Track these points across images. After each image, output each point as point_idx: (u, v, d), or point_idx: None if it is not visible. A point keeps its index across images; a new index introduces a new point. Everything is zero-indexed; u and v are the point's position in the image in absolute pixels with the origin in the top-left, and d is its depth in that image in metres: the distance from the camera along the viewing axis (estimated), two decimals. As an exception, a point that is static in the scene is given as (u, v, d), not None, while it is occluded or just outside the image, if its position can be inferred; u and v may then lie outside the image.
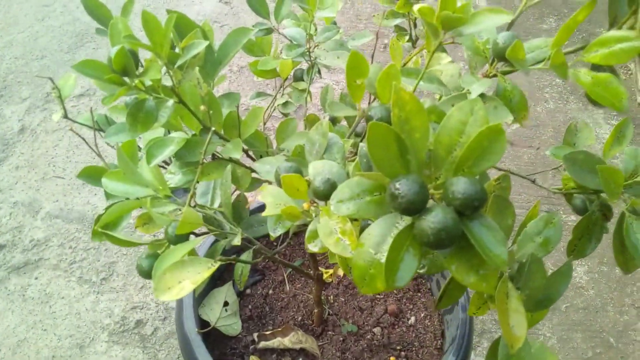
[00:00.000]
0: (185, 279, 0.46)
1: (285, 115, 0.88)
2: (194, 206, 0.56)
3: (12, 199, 1.48)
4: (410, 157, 0.38)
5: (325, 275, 1.13)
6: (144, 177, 0.54)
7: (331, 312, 1.07)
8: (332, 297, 1.10)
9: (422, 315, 1.08)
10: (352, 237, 0.43)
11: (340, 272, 1.10)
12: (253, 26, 0.78)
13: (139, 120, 0.48)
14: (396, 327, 1.06)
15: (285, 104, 0.91)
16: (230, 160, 0.59)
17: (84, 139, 0.72)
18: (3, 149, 1.60)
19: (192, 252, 0.53)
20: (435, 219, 0.37)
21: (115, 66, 0.45)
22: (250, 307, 1.07)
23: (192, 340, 0.91)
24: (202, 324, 1.00)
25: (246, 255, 0.60)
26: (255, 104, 1.56)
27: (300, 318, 1.06)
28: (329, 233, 0.44)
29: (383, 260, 0.39)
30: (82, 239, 1.40)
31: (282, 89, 0.91)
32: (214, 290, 1.05)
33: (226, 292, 1.05)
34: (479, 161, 0.39)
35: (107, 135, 0.56)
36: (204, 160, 0.56)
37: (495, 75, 0.55)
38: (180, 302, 0.97)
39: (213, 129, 0.55)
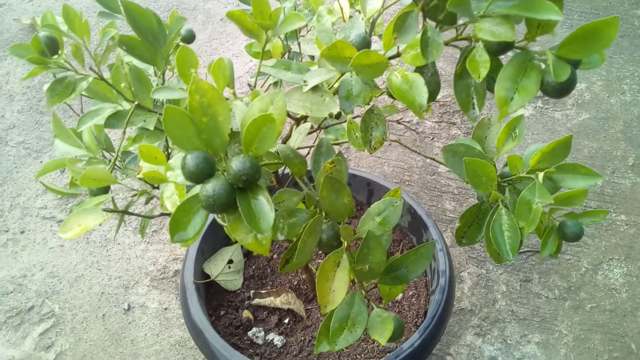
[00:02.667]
0: (82, 224, 0.58)
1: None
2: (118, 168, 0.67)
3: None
4: (208, 136, 0.46)
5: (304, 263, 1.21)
6: (78, 140, 0.66)
7: (325, 280, 1.15)
8: (329, 266, 1.17)
9: (410, 293, 1.13)
10: (182, 197, 0.51)
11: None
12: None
13: (56, 92, 0.60)
14: (382, 300, 1.11)
15: (275, 83, 0.99)
16: (157, 130, 0.69)
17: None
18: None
19: (115, 206, 0.64)
20: (207, 188, 0.45)
21: (33, 49, 0.57)
22: (254, 267, 1.18)
23: (187, 289, 1.04)
24: (206, 277, 1.13)
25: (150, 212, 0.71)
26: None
27: (296, 282, 1.15)
28: (171, 193, 0.53)
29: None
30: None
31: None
32: (223, 249, 1.18)
33: (233, 252, 1.17)
34: (260, 144, 0.45)
35: (80, 124, 0.68)
36: (134, 129, 0.67)
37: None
38: (186, 256, 1.11)
39: (136, 102, 0.65)
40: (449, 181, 1.60)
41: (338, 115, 0.89)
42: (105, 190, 0.65)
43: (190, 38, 0.81)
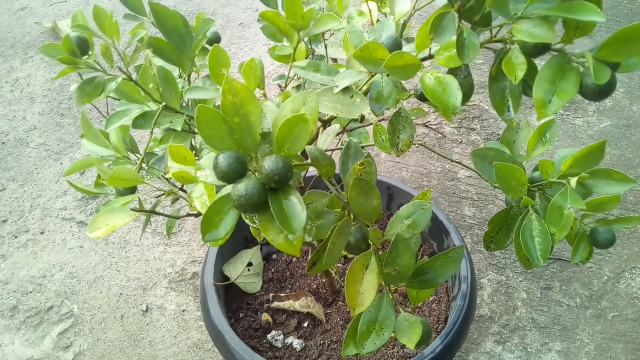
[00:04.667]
0: (110, 222, 0.58)
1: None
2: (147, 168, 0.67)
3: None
4: (240, 136, 0.46)
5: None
6: (106, 140, 0.66)
7: (344, 284, 1.14)
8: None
9: (431, 299, 1.12)
10: (211, 197, 0.51)
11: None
12: (259, 16, 0.87)
13: (85, 92, 0.60)
14: (403, 306, 1.10)
15: (298, 86, 0.99)
16: (185, 131, 0.69)
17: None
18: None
19: (142, 205, 0.64)
20: (240, 187, 0.44)
21: (64, 49, 0.58)
22: (273, 270, 1.18)
23: (207, 291, 1.04)
24: (225, 279, 1.13)
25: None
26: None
27: (315, 286, 1.15)
28: (201, 193, 0.53)
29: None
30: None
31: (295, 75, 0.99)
32: (242, 252, 1.17)
33: (252, 254, 1.17)
34: (293, 144, 0.45)
35: (108, 124, 0.69)
36: (160, 130, 0.67)
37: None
38: (205, 258, 1.11)
39: (163, 103, 0.65)
40: (468, 187, 1.59)
41: (362, 119, 0.88)
42: (132, 190, 0.65)
43: (216, 40, 0.82)
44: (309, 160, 0.56)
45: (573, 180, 0.55)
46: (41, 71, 2.05)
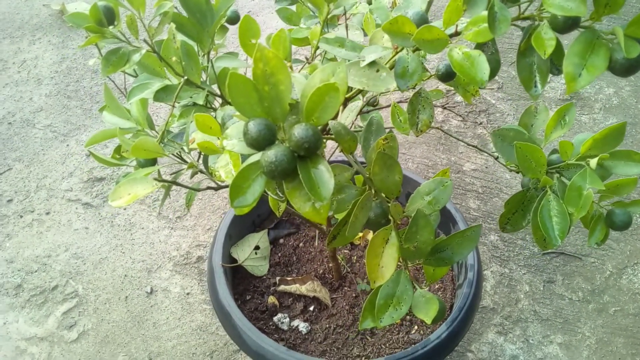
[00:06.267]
0: (132, 192, 0.58)
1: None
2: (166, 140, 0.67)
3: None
4: (269, 104, 0.46)
5: (354, 238, 1.21)
6: (127, 113, 0.67)
7: (350, 270, 1.15)
8: (355, 257, 1.18)
9: (437, 287, 1.12)
10: (236, 166, 0.52)
11: (369, 237, 1.17)
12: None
13: (111, 62, 0.60)
14: (415, 289, 1.11)
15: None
16: (204, 106, 0.69)
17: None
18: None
19: (160, 176, 0.64)
20: (269, 154, 0.45)
21: (91, 18, 0.58)
22: (279, 254, 1.18)
23: (216, 272, 1.05)
24: (233, 261, 1.13)
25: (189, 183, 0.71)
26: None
27: (322, 271, 1.15)
28: (226, 163, 0.53)
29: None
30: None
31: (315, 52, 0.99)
32: (249, 235, 1.18)
33: (260, 238, 1.17)
34: (322, 113, 0.46)
35: (130, 96, 0.69)
36: (178, 106, 0.67)
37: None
38: (214, 240, 1.11)
39: (185, 77, 0.66)
40: (473, 180, 1.60)
41: (376, 103, 0.89)
42: (153, 162, 0.65)
43: (235, 19, 0.82)
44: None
45: (593, 161, 0.56)
46: (49, 53, 2.05)
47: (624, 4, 0.44)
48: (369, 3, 0.65)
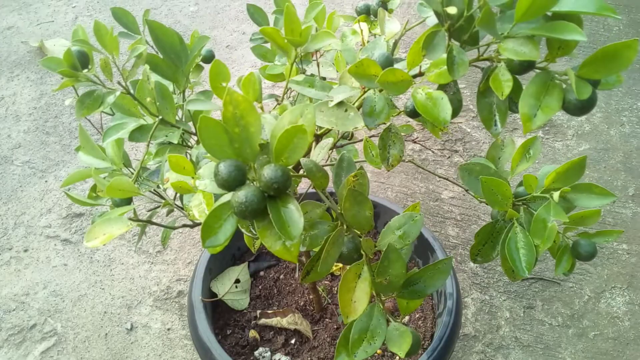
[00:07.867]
0: (107, 232, 0.59)
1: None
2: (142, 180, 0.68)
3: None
4: (239, 146, 0.48)
5: (334, 269, 1.22)
6: (103, 152, 0.68)
7: (332, 302, 1.16)
8: (336, 288, 1.18)
9: (417, 315, 1.13)
10: (209, 206, 0.53)
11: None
12: (252, 36, 0.90)
13: (85, 104, 0.61)
14: (389, 322, 1.11)
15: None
16: (180, 144, 0.71)
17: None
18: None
19: (136, 215, 0.65)
20: (240, 195, 0.46)
21: (65, 63, 0.59)
22: (260, 287, 1.19)
23: (195, 307, 1.04)
24: (213, 296, 1.13)
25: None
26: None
27: (302, 303, 1.15)
28: (199, 202, 0.54)
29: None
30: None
31: (288, 91, 1.01)
32: (229, 269, 1.18)
33: (240, 271, 1.18)
34: (291, 153, 0.47)
35: (105, 137, 0.70)
36: (154, 144, 0.68)
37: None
38: (193, 274, 1.11)
39: (160, 117, 0.67)
40: (451, 207, 1.62)
41: (351, 137, 0.91)
42: (128, 201, 0.66)
43: (210, 57, 0.84)
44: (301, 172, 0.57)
45: (556, 194, 0.57)
46: (27, 89, 2.05)
47: (576, 46, 0.46)
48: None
